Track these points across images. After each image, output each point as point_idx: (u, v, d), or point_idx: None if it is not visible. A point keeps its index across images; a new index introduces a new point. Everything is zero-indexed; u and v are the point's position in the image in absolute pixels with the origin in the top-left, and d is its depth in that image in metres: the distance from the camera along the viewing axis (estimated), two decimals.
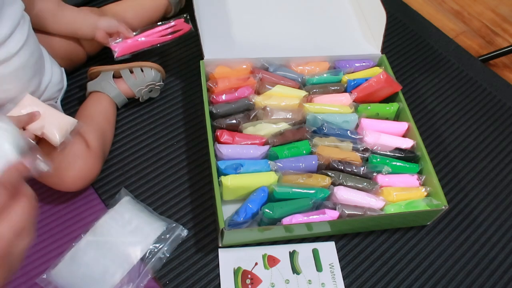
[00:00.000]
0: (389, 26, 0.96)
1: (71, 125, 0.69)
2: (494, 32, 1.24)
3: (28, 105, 0.67)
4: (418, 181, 0.79)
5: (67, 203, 0.78)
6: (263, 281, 0.72)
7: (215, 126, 0.81)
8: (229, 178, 0.73)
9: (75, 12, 0.83)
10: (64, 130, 0.68)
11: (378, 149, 0.82)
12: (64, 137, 0.67)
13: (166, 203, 0.79)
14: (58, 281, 0.68)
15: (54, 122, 0.67)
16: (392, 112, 0.88)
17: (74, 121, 0.70)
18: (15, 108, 0.67)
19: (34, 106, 0.67)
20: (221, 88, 0.85)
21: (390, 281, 0.75)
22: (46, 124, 0.67)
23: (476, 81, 1.05)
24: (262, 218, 0.73)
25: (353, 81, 0.88)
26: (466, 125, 0.98)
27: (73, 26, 0.83)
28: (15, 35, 0.66)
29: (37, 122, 0.66)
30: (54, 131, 0.66)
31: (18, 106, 0.67)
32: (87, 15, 0.83)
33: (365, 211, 0.74)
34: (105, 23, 0.83)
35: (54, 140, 0.66)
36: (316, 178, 0.76)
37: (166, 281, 0.71)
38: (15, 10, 0.66)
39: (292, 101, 0.84)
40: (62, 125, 0.68)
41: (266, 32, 0.95)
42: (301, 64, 0.92)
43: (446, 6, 1.29)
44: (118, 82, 0.85)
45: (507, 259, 0.80)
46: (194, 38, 0.91)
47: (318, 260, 0.76)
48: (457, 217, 0.84)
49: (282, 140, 0.79)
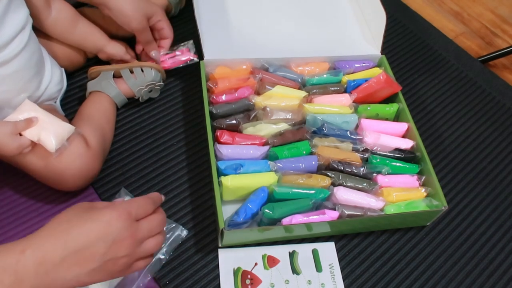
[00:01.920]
0: (389, 26, 0.96)
1: (68, 132, 0.69)
2: (493, 33, 1.25)
3: (26, 111, 0.67)
4: (418, 182, 0.80)
5: (67, 203, 0.78)
6: (263, 282, 0.72)
7: (215, 126, 0.81)
8: (229, 178, 0.73)
9: (87, 29, 0.84)
10: (60, 137, 0.68)
11: (378, 150, 0.82)
12: (60, 144, 0.67)
13: (166, 203, 0.79)
14: None
15: (51, 128, 0.67)
16: (392, 112, 0.88)
17: (71, 128, 0.70)
18: (13, 114, 0.67)
19: (32, 112, 0.67)
20: (221, 89, 0.85)
21: (390, 281, 0.75)
22: (43, 130, 0.67)
23: (475, 82, 1.06)
24: (262, 218, 0.73)
25: (353, 81, 0.88)
26: (465, 126, 0.98)
27: (81, 43, 0.85)
28: (17, 38, 0.66)
29: (34, 128, 0.66)
30: (51, 137, 0.66)
31: (16, 111, 0.67)
32: (96, 37, 0.85)
33: (365, 211, 0.74)
34: (112, 50, 0.86)
35: (50, 147, 0.66)
36: (316, 178, 0.76)
37: (166, 281, 0.71)
38: (19, 16, 0.66)
39: (292, 102, 0.84)
40: (59, 132, 0.68)
41: (266, 33, 0.95)
42: (301, 65, 0.92)
43: (445, 7, 1.29)
44: (118, 82, 0.85)
45: (507, 259, 0.80)
46: (194, 38, 0.91)
47: (318, 260, 0.76)
48: (456, 217, 0.84)
49: (282, 140, 0.79)
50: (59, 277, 0.47)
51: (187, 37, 0.93)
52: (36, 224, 0.75)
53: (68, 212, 0.50)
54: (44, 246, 0.47)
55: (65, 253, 0.46)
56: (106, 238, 0.48)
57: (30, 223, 0.75)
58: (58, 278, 0.47)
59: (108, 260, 0.48)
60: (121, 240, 0.49)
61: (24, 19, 0.67)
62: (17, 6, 0.66)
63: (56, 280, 0.47)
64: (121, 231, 0.49)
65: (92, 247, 0.47)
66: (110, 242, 0.48)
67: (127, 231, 0.49)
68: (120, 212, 0.49)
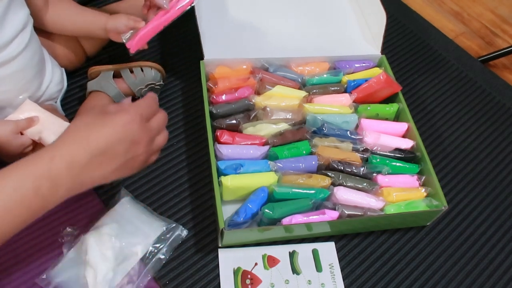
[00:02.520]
0: (389, 26, 0.96)
1: None
2: (493, 33, 1.25)
3: (27, 111, 0.68)
4: (418, 182, 0.80)
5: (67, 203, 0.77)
6: (263, 281, 0.72)
7: (215, 126, 0.81)
8: (229, 178, 0.73)
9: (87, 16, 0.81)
10: None
11: (378, 150, 0.82)
12: None
13: (166, 203, 0.79)
14: (58, 281, 0.68)
15: (52, 128, 0.68)
16: (392, 112, 0.88)
17: None
18: (14, 113, 0.67)
19: (33, 111, 0.68)
20: (221, 88, 0.85)
21: (390, 281, 0.75)
22: (44, 129, 0.67)
23: (475, 82, 1.06)
24: (262, 218, 0.73)
25: (353, 81, 0.88)
26: (465, 126, 0.98)
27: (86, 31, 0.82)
28: (18, 38, 0.66)
29: (35, 127, 0.67)
30: (52, 136, 0.67)
31: (17, 111, 0.68)
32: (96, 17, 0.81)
33: (365, 211, 0.74)
34: (112, 25, 0.81)
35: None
36: (316, 178, 0.76)
37: (166, 281, 0.71)
38: (20, 16, 0.66)
39: (292, 102, 0.84)
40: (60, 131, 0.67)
41: (266, 32, 0.95)
42: (301, 65, 0.92)
43: (445, 7, 1.29)
44: (118, 81, 0.85)
45: (507, 259, 0.80)
46: (194, 38, 0.91)
47: (318, 260, 0.76)
48: (456, 217, 0.84)
49: (282, 140, 0.79)
50: (88, 176, 0.53)
51: (187, 37, 0.92)
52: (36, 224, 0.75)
53: (84, 118, 0.55)
54: (70, 152, 0.52)
55: (90, 156, 0.52)
56: (124, 140, 0.53)
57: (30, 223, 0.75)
58: (87, 177, 0.53)
59: (128, 159, 0.55)
60: (137, 141, 0.55)
61: (24, 19, 0.67)
62: (18, 6, 0.66)
63: (86, 179, 0.53)
64: (136, 133, 0.54)
65: (113, 149, 0.53)
66: (128, 144, 0.54)
67: (142, 132, 0.55)
68: (133, 116, 0.54)
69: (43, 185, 0.50)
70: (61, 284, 0.68)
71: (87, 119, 0.55)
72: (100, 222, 0.73)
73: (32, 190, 0.50)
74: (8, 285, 0.69)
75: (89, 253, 0.68)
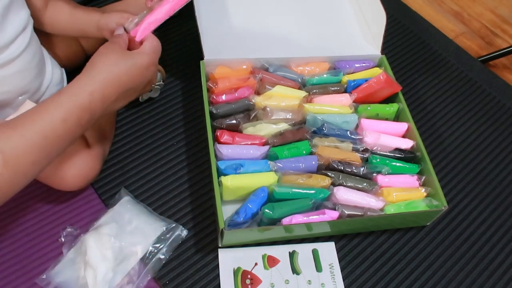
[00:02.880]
0: (389, 26, 0.96)
1: None
2: (493, 33, 1.25)
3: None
4: (418, 182, 0.80)
5: (67, 203, 0.78)
6: (263, 281, 0.72)
7: (215, 126, 0.81)
8: (229, 178, 0.73)
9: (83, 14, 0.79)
10: None
11: (378, 150, 0.82)
12: None
13: (166, 203, 0.79)
14: (58, 281, 0.68)
15: None
16: (392, 112, 0.88)
17: None
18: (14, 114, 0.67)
19: None
20: (221, 88, 0.85)
21: (390, 281, 0.75)
22: None
23: (475, 82, 1.06)
24: (262, 218, 0.73)
25: (353, 81, 0.88)
26: (465, 126, 0.98)
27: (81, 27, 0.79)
28: (19, 39, 0.66)
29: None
30: None
31: (17, 112, 0.67)
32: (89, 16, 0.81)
33: (365, 211, 0.74)
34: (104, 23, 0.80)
35: None
36: (316, 178, 0.76)
37: (166, 281, 0.71)
38: (20, 17, 0.66)
39: (292, 102, 0.84)
40: None
41: (266, 33, 0.95)
42: (301, 65, 0.92)
43: (445, 7, 1.29)
44: None
45: (507, 259, 0.80)
46: (194, 38, 0.91)
47: (318, 260, 0.76)
48: (457, 217, 0.84)
49: (282, 140, 0.79)
50: (111, 108, 0.65)
51: (187, 37, 0.92)
52: (36, 224, 0.75)
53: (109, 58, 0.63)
54: (104, 89, 0.61)
55: (118, 93, 0.63)
56: (144, 80, 0.67)
57: (30, 223, 0.75)
58: (111, 109, 0.65)
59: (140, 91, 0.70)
60: (151, 80, 0.70)
61: (25, 20, 0.67)
62: (18, 6, 0.65)
63: (109, 110, 0.65)
64: (153, 74, 0.69)
65: (135, 87, 0.66)
66: (146, 82, 0.68)
67: (154, 73, 0.71)
68: (153, 60, 0.67)
69: (84, 117, 0.59)
70: (61, 284, 0.68)
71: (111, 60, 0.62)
72: (100, 222, 0.73)
73: (76, 121, 0.58)
74: (8, 285, 0.69)
75: (88, 253, 0.68)
